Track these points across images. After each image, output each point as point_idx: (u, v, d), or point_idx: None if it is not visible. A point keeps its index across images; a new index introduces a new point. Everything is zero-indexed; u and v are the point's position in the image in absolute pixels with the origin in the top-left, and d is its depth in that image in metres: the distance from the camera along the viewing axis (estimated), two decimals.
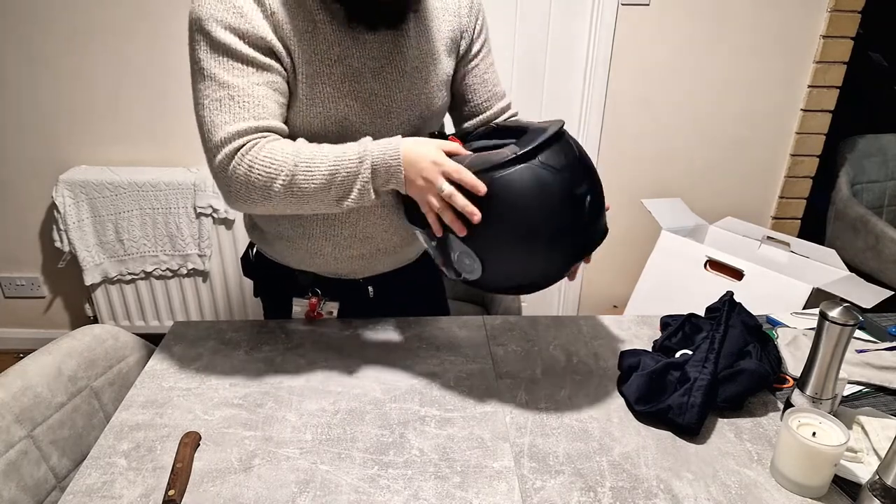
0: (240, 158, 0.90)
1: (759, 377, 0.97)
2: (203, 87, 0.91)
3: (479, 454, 0.88)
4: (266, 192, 0.91)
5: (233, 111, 0.90)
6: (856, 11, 2.07)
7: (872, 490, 0.77)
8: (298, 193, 0.91)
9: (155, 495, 0.81)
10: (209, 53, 0.90)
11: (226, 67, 0.90)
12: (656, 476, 0.85)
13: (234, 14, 0.89)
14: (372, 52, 0.97)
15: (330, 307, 1.18)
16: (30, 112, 2.08)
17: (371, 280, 1.18)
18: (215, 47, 0.90)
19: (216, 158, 0.91)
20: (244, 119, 0.90)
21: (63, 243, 2.10)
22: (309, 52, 0.94)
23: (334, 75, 0.96)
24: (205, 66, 0.90)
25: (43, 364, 0.96)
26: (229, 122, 0.90)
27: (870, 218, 2.26)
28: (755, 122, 2.23)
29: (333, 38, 0.95)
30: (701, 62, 2.14)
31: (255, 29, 0.90)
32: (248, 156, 0.90)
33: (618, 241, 2.42)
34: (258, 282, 1.25)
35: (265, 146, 0.90)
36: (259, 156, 0.90)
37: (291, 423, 0.93)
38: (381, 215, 1.08)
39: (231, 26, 0.89)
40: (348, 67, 0.96)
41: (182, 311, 2.28)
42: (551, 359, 1.10)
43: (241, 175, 0.90)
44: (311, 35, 0.93)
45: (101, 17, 1.96)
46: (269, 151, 0.90)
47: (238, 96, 0.90)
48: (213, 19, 0.89)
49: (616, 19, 2.06)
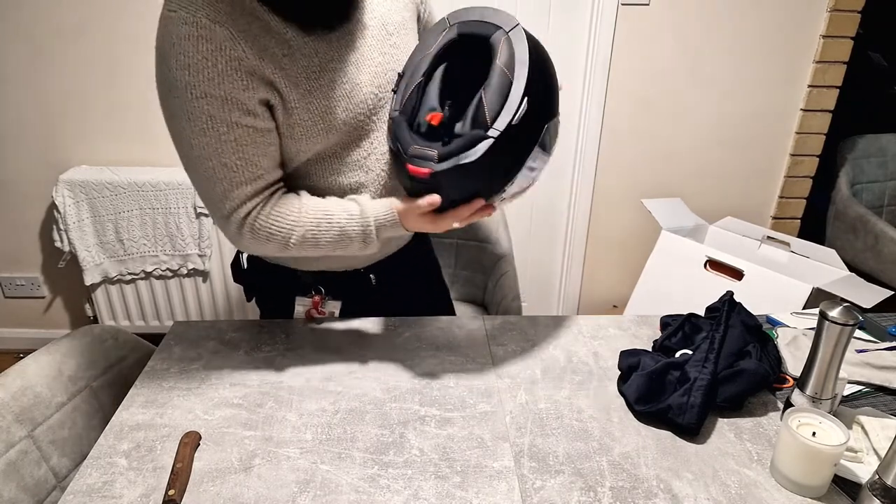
0: (252, 222, 0.95)
1: (759, 377, 0.97)
2: (192, 155, 0.90)
3: (479, 454, 0.88)
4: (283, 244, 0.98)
5: (228, 179, 0.91)
6: (856, 11, 2.07)
7: (872, 490, 0.77)
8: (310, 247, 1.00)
9: (155, 495, 0.81)
10: (190, 122, 0.87)
11: (212, 135, 0.88)
12: (656, 476, 0.85)
13: (209, 76, 0.85)
14: (348, 45, 0.97)
15: (332, 307, 1.18)
16: (30, 112, 2.08)
17: (372, 268, 1.18)
18: (196, 116, 0.87)
19: (226, 230, 0.96)
20: (241, 183, 0.92)
21: (63, 243, 2.10)
22: (294, 73, 0.92)
23: (324, 85, 0.95)
24: (189, 136, 0.88)
25: (43, 364, 0.96)
26: (229, 191, 0.92)
27: (869, 218, 2.26)
28: (755, 122, 2.23)
29: (309, 50, 0.93)
30: (701, 62, 2.14)
31: (234, 84, 0.87)
32: (260, 219, 0.95)
33: (618, 241, 2.42)
34: (252, 286, 1.23)
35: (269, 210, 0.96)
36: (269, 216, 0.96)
37: (291, 422, 0.93)
38: None
39: (209, 91, 0.85)
40: (333, 72, 0.95)
41: (182, 311, 2.28)
42: (551, 359, 1.10)
43: (259, 237, 0.97)
44: (289, 57, 0.91)
45: (102, 16, 1.96)
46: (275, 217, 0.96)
47: (230, 162, 0.90)
48: (189, 87, 0.85)
49: (616, 19, 2.06)
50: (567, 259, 2.46)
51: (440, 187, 0.94)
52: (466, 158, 0.90)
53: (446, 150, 0.91)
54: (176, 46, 0.84)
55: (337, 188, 1.04)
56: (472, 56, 0.96)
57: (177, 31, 0.84)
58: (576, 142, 2.27)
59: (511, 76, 0.90)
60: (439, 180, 0.93)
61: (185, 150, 0.91)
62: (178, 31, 0.84)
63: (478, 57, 0.95)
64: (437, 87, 0.97)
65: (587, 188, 2.31)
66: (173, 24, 0.84)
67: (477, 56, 0.95)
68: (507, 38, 0.92)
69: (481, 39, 0.95)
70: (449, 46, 0.98)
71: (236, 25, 0.86)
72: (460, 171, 0.91)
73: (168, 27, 0.85)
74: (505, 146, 0.91)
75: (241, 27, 0.87)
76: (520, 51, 0.91)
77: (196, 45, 0.84)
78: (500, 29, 0.93)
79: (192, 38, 0.84)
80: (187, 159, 0.92)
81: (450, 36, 0.97)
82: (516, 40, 0.92)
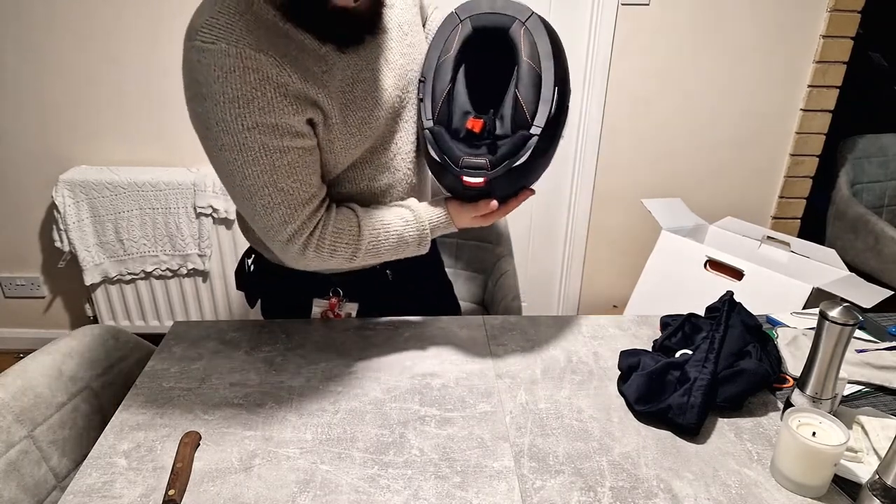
0: (314, 247, 0.97)
1: (759, 377, 0.97)
2: (245, 186, 0.89)
3: (479, 454, 0.88)
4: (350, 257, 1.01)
5: (286, 203, 0.91)
6: (856, 11, 2.07)
7: (872, 490, 0.77)
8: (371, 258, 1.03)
9: (155, 495, 0.81)
10: (242, 155, 0.86)
11: (266, 165, 0.87)
12: (656, 476, 0.85)
13: (260, 107, 0.83)
14: (373, 52, 0.98)
15: (349, 308, 1.18)
16: (30, 112, 2.08)
17: (388, 264, 1.17)
18: (248, 148, 0.85)
19: (288, 252, 0.96)
20: (299, 205, 0.92)
21: (63, 243, 2.10)
22: (333, 89, 0.92)
23: (357, 97, 0.95)
24: (241, 167, 0.87)
25: (43, 364, 0.96)
26: (289, 215, 0.92)
27: (870, 218, 2.26)
28: (755, 122, 2.23)
29: (343, 63, 0.93)
30: (701, 62, 2.14)
31: (284, 111, 0.85)
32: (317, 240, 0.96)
33: (618, 241, 2.42)
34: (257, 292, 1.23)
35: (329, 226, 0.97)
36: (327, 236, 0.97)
37: (291, 422, 0.93)
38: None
39: (261, 124, 0.84)
40: (365, 81, 0.96)
41: (182, 311, 2.28)
42: (551, 359, 1.10)
43: (317, 258, 0.98)
44: (328, 73, 0.91)
45: (102, 16, 1.96)
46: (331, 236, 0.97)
47: (286, 187, 0.90)
48: (240, 120, 0.83)
49: (616, 19, 2.06)
50: (567, 259, 2.46)
51: (494, 190, 0.98)
52: (518, 161, 0.93)
53: (497, 156, 0.94)
54: (221, 80, 0.81)
55: (368, 192, 1.05)
56: (487, 48, 0.97)
57: (220, 64, 0.81)
58: (576, 142, 2.26)
59: (539, 69, 0.92)
60: (493, 185, 0.96)
61: (238, 181, 0.89)
62: (222, 63, 0.81)
63: (494, 48, 0.96)
64: (464, 89, 0.98)
65: (587, 188, 2.31)
66: (214, 57, 0.81)
67: (493, 47, 0.96)
68: (525, 30, 0.93)
69: (499, 32, 0.95)
70: (466, 43, 0.98)
71: (277, 51, 0.85)
72: (513, 174, 0.95)
73: (207, 60, 0.81)
74: (547, 139, 0.94)
75: (281, 52, 0.85)
76: (541, 42, 0.92)
77: (243, 77, 0.82)
78: (517, 20, 0.93)
79: (239, 70, 0.81)
80: (241, 190, 0.90)
81: (465, 32, 0.97)
82: (536, 31, 0.93)
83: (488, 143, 0.94)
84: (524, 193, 1.03)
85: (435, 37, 1.00)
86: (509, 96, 0.93)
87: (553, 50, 0.92)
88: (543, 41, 0.92)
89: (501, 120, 0.95)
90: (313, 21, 0.88)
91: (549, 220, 2.42)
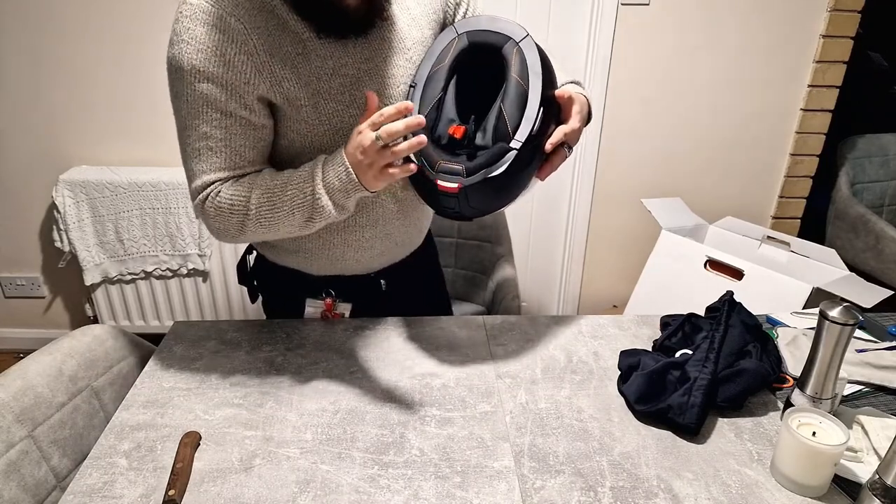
0: (210, 202, 0.95)
1: (759, 377, 0.97)
2: (185, 136, 0.94)
3: (479, 454, 0.88)
4: (239, 227, 0.97)
5: (209, 161, 0.94)
6: (856, 11, 2.07)
7: (872, 490, 0.77)
8: (267, 223, 0.96)
9: (155, 495, 0.81)
10: (188, 103, 0.91)
11: (205, 119, 0.91)
12: (656, 476, 0.85)
13: (215, 62, 0.88)
14: (364, 54, 0.98)
15: (343, 309, 1.19)
16: (30, 112, 2.08)
17: (383, 273, 1.18)
18: (196, 100, 0.90)
19: (193, 202, 0.98)
20: (220, 169, 0.94)
21: (63, 243, 2.10)
22: (305, 73, 0.93)
23: (333, 89, 0.96)
24: (185, 116, 0.92)
25: (43, 364, 0.96)
26: (205, 172, 0.94)
27: (870, 217, 2.26)
28: (755, 122, 2.23)
29: (325, 52, 0.94)
30: (701, 62, 2.14)
31: (237, 76, 0.89)
32: (217, 199, 0.95)
33: (618, 241, 2.42)
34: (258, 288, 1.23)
35: (224, 191, 0.95)
36: (221, 201, 0.95)
37: (292, 422, 0.93)
38: (398, 210, 1.09)
39: (211, 76, 0.88)
40: (345, 77, 0.96)
41: (182, 311, 2.28)
42: (551, 359, 1.10)
43: (212, 219, 0.97)
44: (303, 56, 0.93)
45: (101, 16, 1.96)
46: (232, 191, 0.94)
47: (216, 147, 0.93)
48: (194, 69, 0.88)
49: (616, 19, 2.06)
50: (567, 259, 2.46)
51: (468, 199, 0.96)
52: (494, 171, 0.92)
53: (473, 164, 0.93)
54: (190, 31, 0.87)
55: None
56: (479, 64, 0.98)
57: (193, 16, 0.87)
58: None
59: (526, 86, 0.92)
60: (467, 193, 0.94)
61: (180, 127, 0.94)
62: (195, 16, 0.87)
63: (486, 64, 0.97)
64: (453, 100, 0.98)
65: (587, 188, 2.31)
66: (191, 10, 0.88)
67: (485, 63, 0.97)
68: (518, 49, 0.94)
69: (493, 49, 0.96)
70: (460, 56, 0.99)
71: (252, 21, 0.89)
72: (488, 184, 0.93)
73: (186, 12, 0.88)
74: (526, 155, 0.93)
75: (257, 23, 0.89)
76: (532, 61, 0.93)
77: (209, 33, 0.87)
78: (511, 39, 0.95)
79: (207, 26, 0.87)
80: (180, 136, 0.95)
81: (461, 46, 0.99)
82: (528, 51, 0.94)
83: (468, 152, 0.94)
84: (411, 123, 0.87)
85: (431, 47, 1.02)
86: (494, 109, 0.94)
87: (543, 71, 0.93)
88: (534, 61, 0.93)
89: (484, 132, 0.95)
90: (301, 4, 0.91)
91: (549, 220, 2.42)
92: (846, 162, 2.40)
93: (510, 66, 0.94)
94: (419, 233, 1.19)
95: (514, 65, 0.93)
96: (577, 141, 1.03)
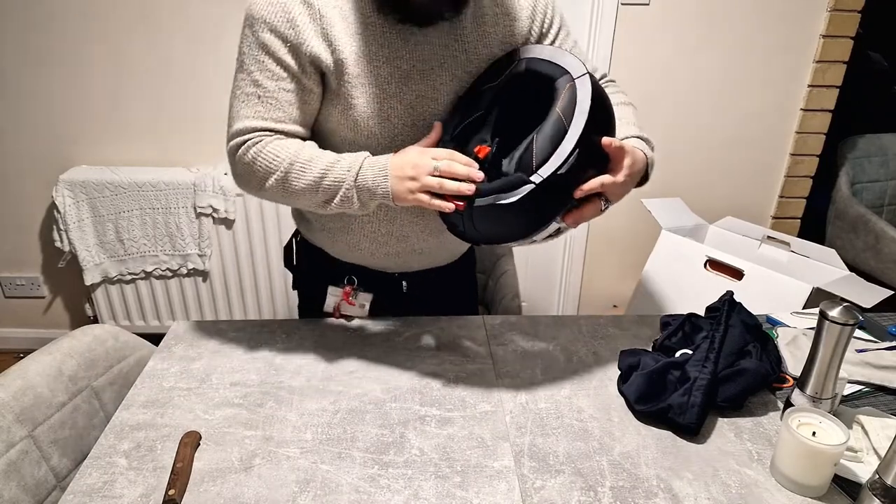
0: (246, 149, 0.98)
1: (759, 377, 0.97)
2: (239, 78, 0.99)
3: (479, 454, 0.88)
4: (262, 182, 0.99)
5: (255, 108, 0.98)
6: (856, 11, 2.06)
7: (872, 489, 0.77)
8: (290, 189, 0.98)
9: (155, 495, 0.81)
10: (251, 50, 0.96)
11: (261, 68, 0.96)
12: (656, 475, 0.85)
13: (282, 19, 0.93)
14: (423, 54, 0.98)
15: (363, 299, 1.19)
16: (30, 112, 2.08)
17: (406, 275, 1.19)
18: (258, 47, 0.95)
19: (229, 143, 1.00)
20: (263, 119, 0.98)
21: (63, 243, 2.10)
22: (358, 52, 0.96)
23: (381, 76, 0.97)
24: (245, 61, 0.97)
25: (43, 364, 0.96)
26: (250, 117, 0.98)
27: (870, 217, 2.26)
28: (755, 122, 2.23)
29: (384, 39, 0.96)
30: (700, 62, 2.14)
31: (299, 36, 0.94)
32: (255, 148, 0.97)
33: (618, 241, 2.42)
34: (297, 271, 1.27)
35: (271, 143, 0.98)
36: (264, 150, 0.97)
37: (292, 422, 0.93)
38: (417, 215, 1.09)
39: (276, 30, 0.94)
40: (396, 69, 0.97)
41: (182, 311, 2.28)
42: (551, 359, 1.10)
43: (245, 163, 0.99)
44: (362, 37, 0.96)
45: (101, 17, 1.96)
46: (274, 148, 0.97)
47: (264, 96, 0.97)
48: (263, 21, 0.94)
49: (616, 19, 2.06)
50: (567, 259, 2.46)
51: (472, 222, 0.93)
52: (504, 199, 0.89)
53: (487, 187, 0.90)
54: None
55: None
56: (532, 93, 0.95)
57: None
58: None
59: (567, 124, 0.88)
60: (472, 215, 0.92)
61: (237, 70, 0.99)
62: None
63: (537, 95, 0.93)
64: (493, 120, 0.96)
65: None
66: None
67: (537, 94, 0.94)
68: (571, 85, 0.91)
69: (546, 79, 0.93)
70: (513, 80, 0.97)
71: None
72: (495, 211, 0.90)
73: None
74: (546, 194, 0.88)
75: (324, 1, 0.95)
76: (581, 100, 0.89)
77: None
78: (568, 74, 0.92)
79: None
80: (235, 78, 0.99)
81: (518, 70, 0.96)
82: (581, 89, 0.90)
83: (488, 175, 0.92)
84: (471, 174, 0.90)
85: (492, 64, 1.00)
86: (527, 139, 0.90)
87: (592, 112, 0.88)
88: (584, 100, 0.89)
89: (511, 160, 0.93)
90: None
91: None
92: (846, 162, 2.40)
93: (558, 99, 0.90)
94: (447, 251, 1.18)
95: (563, 99, 0.89)
96: (621, 197, 0.97)
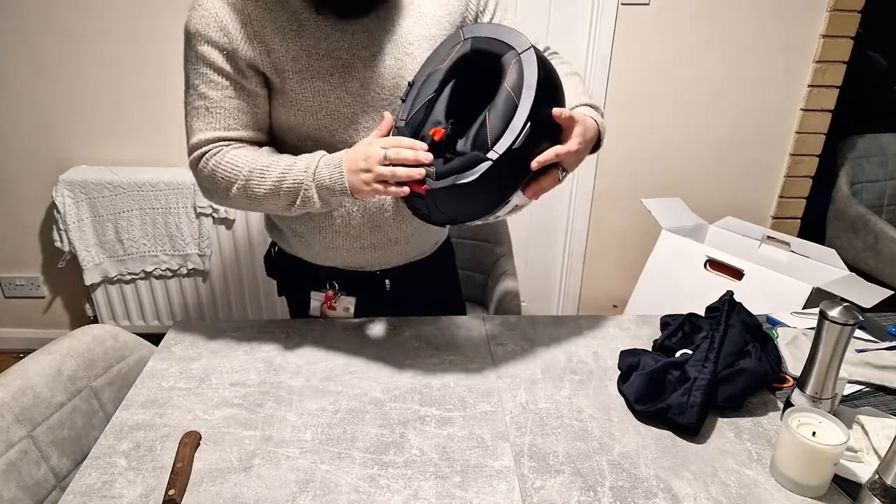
0: (205, 162, 1.01)
1: (759, 377, 0.97)
2: (188, 94, 1.01)
3: (479, 454, 0.88)
4: (225, 192, 1.01)
5: (206, 120, 1.00)
6: (856, 11, 2.06)
7: (872, 489, 0.77)
8: (252, 196, 1.00)
9: (155, 495, 0.81)
10: (192, 65, 0.99)
11: (204, 80, 0.98)
12: (656, 475, 0.85)
13: (215, 28, 0.96)
14: (362, 41, 0.99)
15: (346, 303, 1.19)
16: (30, 112, 2.08)
17: (388, 273, 1.19)
18: (198, 60, 0.98)
19: (189, 158, 1.04)
20: (215, 129, 1.00)
21: (63, 243, 2.10)
22: (296, 49, 0.97)
23: (323, 69, 0.99)
24: (189, 76, 1.00)
25: (43, 364, 0.96)
26: (202, 129, 1.01)
27: (869, 217, 2.26)
28: (755, 122, 2.23)
29: (320, 33, 0.98)
30: (701, 62, 2.14)
31: (232, 42, 0.96)
32: (213, 160, 1.00)
33: (618, 241, 2.42)
34: (279, 280, 1.27)
35: (229, 153, 1.00)
36: (222, 161, 1.00)
37: (291, 422, 0.93)
38: (386, 203, 1.09)
39: (211, 41, 0.96)
40: (337, 60, 0.99)
41: (182, 311, 2.28)
42: (551, 359, 1.10)
43: (206, 176, 1.02)
44: (297, 34, 0.97)
45: (101, 17, 1.96)
46: (232, 158, 1.00)
47: (212, 107, 1.00)
48: (198, 34, 0.96)
49: (616, 19, 2.06)
50: (567, 259, 2.46)
51: (435, 204, 0.94)
52: (463, 179, 0.90)
53: (445, 168, 0.91)
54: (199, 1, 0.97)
55: None
56: (481, 72, 0.96)
57: None
58: None
59: (517, 99, 0.89)
60: (434, 197, 0.93)
61: (185, 87, 1.02)
62: None
63: (487, 74, 0.95)
64: (445, 103, 0.97)
65: (587, 188, 2.31)
66: None
67: (486, 73, 0.95)
68: (517, 60, 0.91)
69: (493, 57, 0.94)
70: (460, 61, 0.97)
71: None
72: (456, 191, 0.91)
73: None
74: (504, 169, 0.90)
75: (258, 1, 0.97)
76: (529, 74, 0.90)
77: (213, 2, 0.96)
78: (513, 49, 0.93)
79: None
80: (185, 95, 1.02)
81: (463, 50, 0.97)
82: (527, 63, 0.91)
83: (445, 157, 0.93)
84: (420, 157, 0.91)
85: (437, 47, 1.01)
86: (480, 118, 0.92)
87: (539, 85, 0.90)
88: (532, 74, 0.90)
89: (466, 139, 0.93)
90: None
91: (548, 219, 2.42)
92: (846, 162, 2.40)
93: (505, 76, 0.91)
94: (423, 239, 1.19)
95: (510, 76, 0.91)
96: (576, 165, 0.99)
